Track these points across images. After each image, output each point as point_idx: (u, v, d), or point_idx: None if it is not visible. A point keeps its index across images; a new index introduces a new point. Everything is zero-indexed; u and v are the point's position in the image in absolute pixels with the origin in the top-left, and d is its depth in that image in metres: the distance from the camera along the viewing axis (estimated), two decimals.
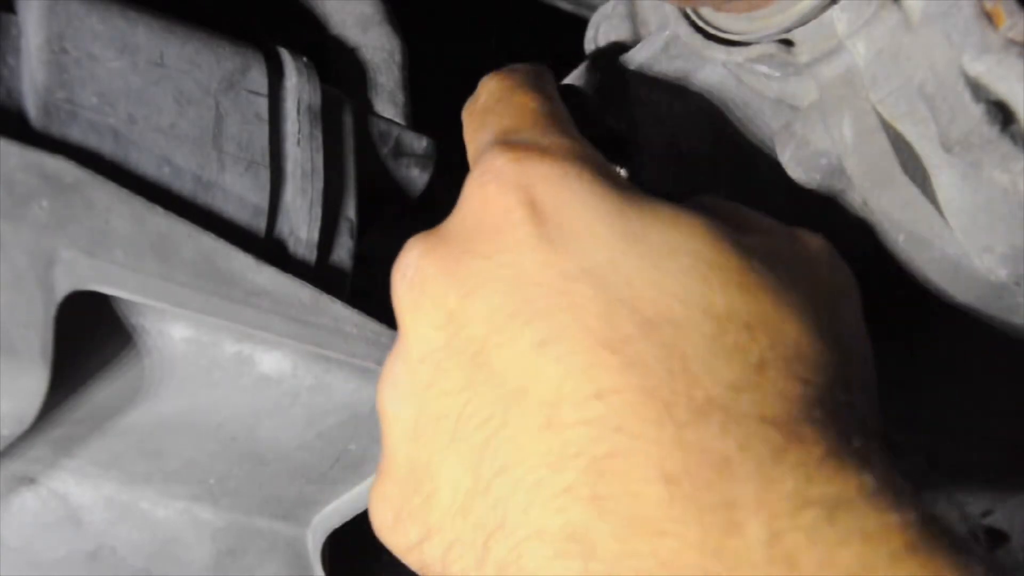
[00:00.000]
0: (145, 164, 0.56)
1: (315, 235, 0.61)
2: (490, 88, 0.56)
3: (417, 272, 0.47)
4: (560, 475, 0.41)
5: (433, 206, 0.82)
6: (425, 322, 0.47)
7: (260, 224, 0.59)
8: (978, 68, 0.48)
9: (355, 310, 0.58)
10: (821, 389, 0.43)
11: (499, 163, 0.48)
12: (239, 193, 0.58)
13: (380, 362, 0.58)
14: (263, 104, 0.60)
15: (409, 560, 0.48)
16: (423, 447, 0.46)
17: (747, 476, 0.39)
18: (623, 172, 0.67)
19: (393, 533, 0.48)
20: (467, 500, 0.44)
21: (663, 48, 0.64)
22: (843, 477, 0.40)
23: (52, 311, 0.49)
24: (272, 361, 0.59)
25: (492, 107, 0.54)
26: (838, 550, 0.38)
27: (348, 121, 0.65)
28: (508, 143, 0.49)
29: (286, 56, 0.63)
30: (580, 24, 0.73)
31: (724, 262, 0.45)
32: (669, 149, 0.65)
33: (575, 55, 0.73)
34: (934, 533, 0.38)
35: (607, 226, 0.45)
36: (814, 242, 0.51)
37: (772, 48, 0.56)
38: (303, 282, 0.57)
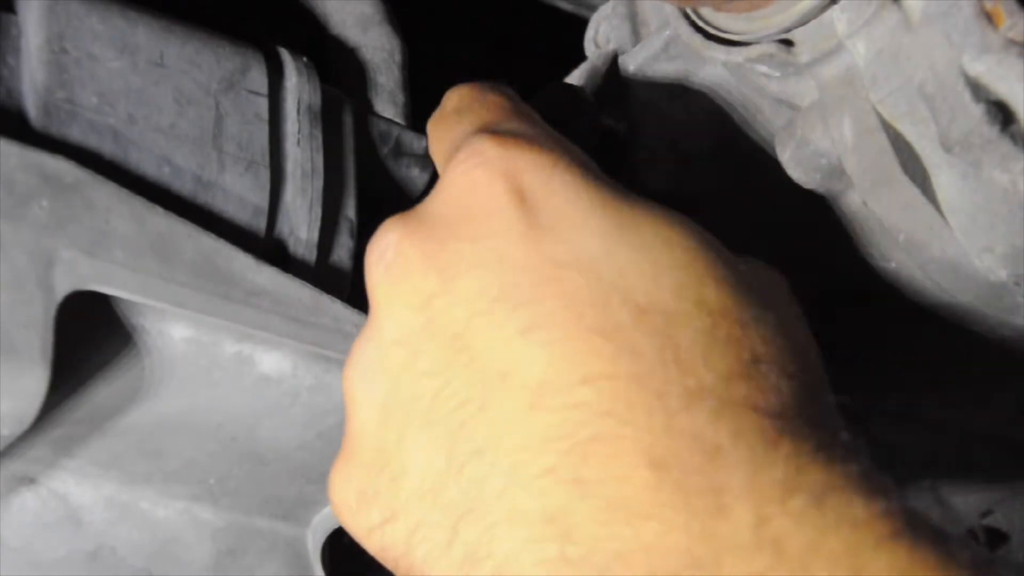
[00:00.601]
0: (145, 164, 0.56)
1: (315, 235, 0.61)
2: (459, 93, 0.55)
3: (397, 255, 0.47)
4: (541, 458, 0.41)
5: None
6: (402, 304, 0.46)
7: (260, 224, 0.59)
8: (978, 68, 0.48)
9: (355, 310, 0.58)
10: (811, 388, 0.43)
11: (484, 147, 0.47)
12: (239, 193, 0.58)
13: None
14: (263, 104, 0.60)
15: (369, 544, 0.47)
16: (392, 428, 0.46)
17: (737, 463, 0.39)
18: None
19: (355, 514, 0.48)
20: (438, 481, 0.44)
21: (663, 48, 0.64)
22: (831, 466, 0.40)
23: (52, 311, 0.49)
24: (272, 361, 0.59)
25: (466, 107, 0.53)
26: (825, 535, 0.38)
27: (348, 121, 0.65)
28: (492, 131, 0.48)
29: (286, 56, 0.63)
30: (580, 24, 0.73)
31: (716, 260, 0.45)
32: (669, 149, 0.65)
33: (575, 55, 0.73)
34: (918, 522, 0.39)
35: (599, 216, 0.45)
36: (774, 272, 0.51)
37: (772, 48, 0.56)
38: (303, 282, 0.57)
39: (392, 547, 0.46)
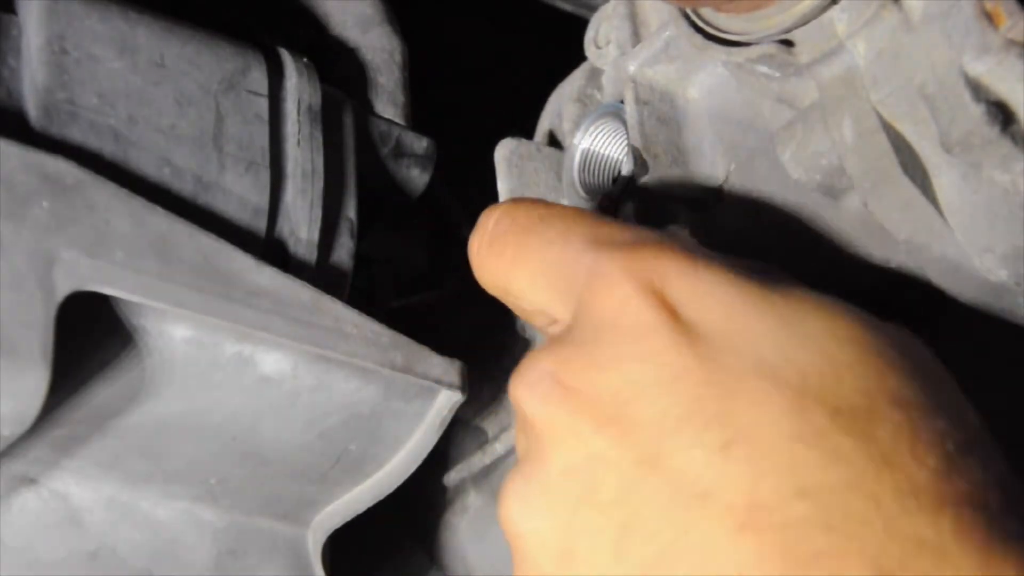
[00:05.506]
0: (145, 164, 0.56)
1: (315, 235, 0.61)
2: (505, 211, 0.52)
3: (555, 384, 0.44)
4: None
5: (433, 206, 0.81)
6: (571, 435, 0.44)
7: (260, 224, 0.59)
8: (978, 68, 0.48)
9: (355, 310, 0.58)
10: (1002, 475, 0.42)
11: (617, 264, 0.45)
12: (239, 193, 0.58)
13: (380, 362, 0.58)
14: (263, 104, 0.60)
15: None
16: (580, 565, 0.43)
17: (965, 565, 0.39)
18: None
19: None
20: None
21: (663, 48, 0.64)
22: None
23: (52, 311, 0.49)
24: (272, 362, 0.59)
25: (535, 225, 0.50)
26: None
27: (348, 122, 0.65)
28: (607, 243, 0.46)
29: (286, 56, 0.63)
30: (580, 24, 0.73)
31: (886, 348, 0.44)
32: (670, 150, 0.65)
33: (575, 55, 0.73)
34: None
35: (759, 318, 0.44)
36: (910, 335, 0.48)
37: (772, 48, 0.56)
38: (303, 282, 0.57)
39: None
